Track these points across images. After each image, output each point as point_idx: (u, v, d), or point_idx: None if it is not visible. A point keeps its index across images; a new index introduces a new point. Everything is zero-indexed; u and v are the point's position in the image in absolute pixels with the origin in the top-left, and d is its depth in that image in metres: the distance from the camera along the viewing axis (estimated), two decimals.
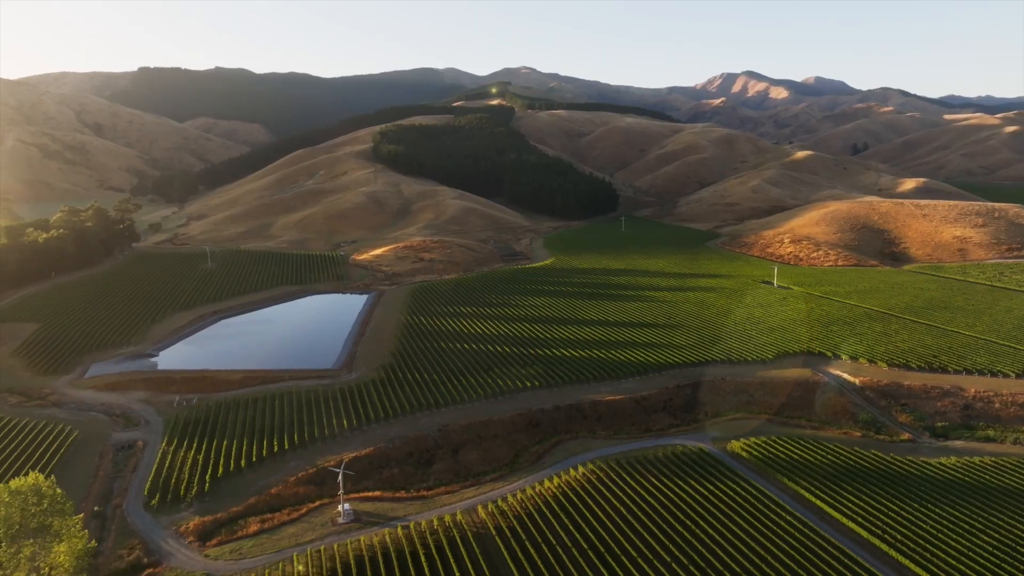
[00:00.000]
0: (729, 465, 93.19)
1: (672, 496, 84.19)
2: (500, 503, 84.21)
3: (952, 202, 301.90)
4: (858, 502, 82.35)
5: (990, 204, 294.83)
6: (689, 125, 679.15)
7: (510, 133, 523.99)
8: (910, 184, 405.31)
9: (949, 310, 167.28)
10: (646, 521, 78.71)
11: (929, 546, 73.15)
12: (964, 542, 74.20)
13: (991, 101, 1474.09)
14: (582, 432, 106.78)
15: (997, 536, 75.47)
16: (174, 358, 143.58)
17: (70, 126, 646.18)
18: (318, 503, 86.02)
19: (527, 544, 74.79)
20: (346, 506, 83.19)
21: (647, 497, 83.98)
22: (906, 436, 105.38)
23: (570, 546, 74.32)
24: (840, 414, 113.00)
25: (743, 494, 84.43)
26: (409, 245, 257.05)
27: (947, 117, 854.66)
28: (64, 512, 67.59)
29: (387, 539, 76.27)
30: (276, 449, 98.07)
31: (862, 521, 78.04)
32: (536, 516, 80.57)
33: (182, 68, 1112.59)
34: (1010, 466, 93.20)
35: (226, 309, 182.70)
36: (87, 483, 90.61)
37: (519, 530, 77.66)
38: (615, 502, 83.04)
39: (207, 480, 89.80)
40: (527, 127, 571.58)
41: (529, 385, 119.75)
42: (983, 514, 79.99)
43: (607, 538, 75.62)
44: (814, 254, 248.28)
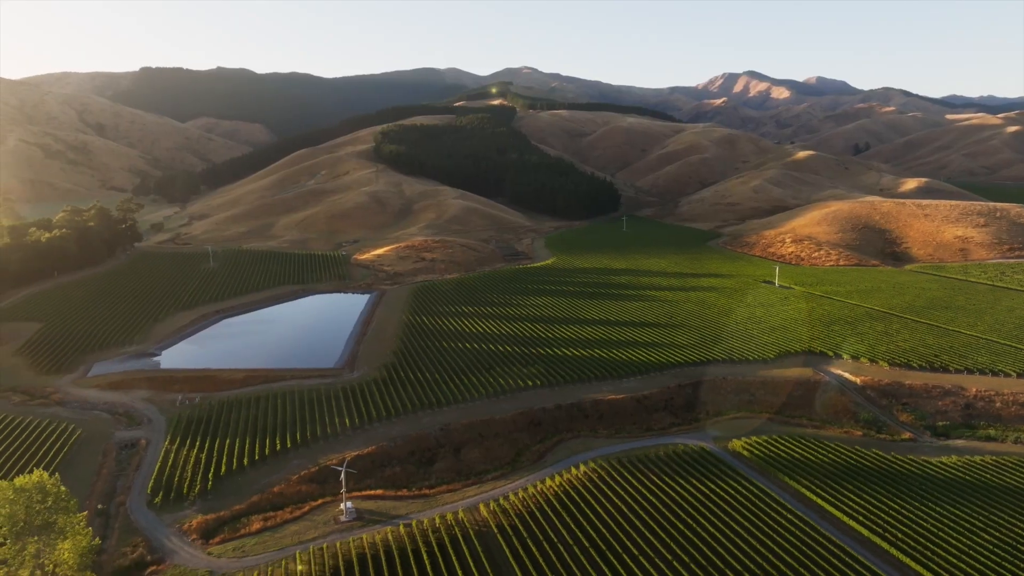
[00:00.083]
0: (730, 464, 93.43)
1: (673, 494, 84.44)
2: (502, 501, 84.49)
3: (954, 202, 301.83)
4: (859, 500, 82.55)
5: (992, 204, 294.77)
6: (691, 125, 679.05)
7: (511, 133, 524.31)
8: (912, 184, 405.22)
9: (950, 310, 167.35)
10: (647, 519, 78.97)
11: (930, 544, 73.37)
12: (965, 540, 74.40)
13: (993, 101, 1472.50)
14: (584, 431, 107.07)
15: (998, 534, 75.66)
16: (176, 357, 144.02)
17: (72, 126, 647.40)
18: (320, 501, 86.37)
19: (529, 542, 75.08)
20: (348, 504, 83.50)
21: (648, 495, 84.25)
22: (907, 435, 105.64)
23: (572, 544, 74.62)
24: (841, 413, 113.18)
25: (744, 492, 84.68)
26: (411, 245, 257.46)
27: (949, 117, 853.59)
28: (68, 510, 67.99)
29: (389, 537, 76.59)
30: (278, 448, 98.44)
31: (863, 519, 78.25)
32: (538, 514, 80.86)
33: (184, 68, 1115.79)
34: (1011, 465, 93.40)
35: (228, 308, 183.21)
36: (91, 481, 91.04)
37: (521, 528, 77.95)
38: (616, 500, 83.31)
39: (210, 478, 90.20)
40: (528, 127, 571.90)
41: (531, 384, 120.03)
42: (984, 512, 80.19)
43: (609, 536, 75.91)
44: (815, 254, 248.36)
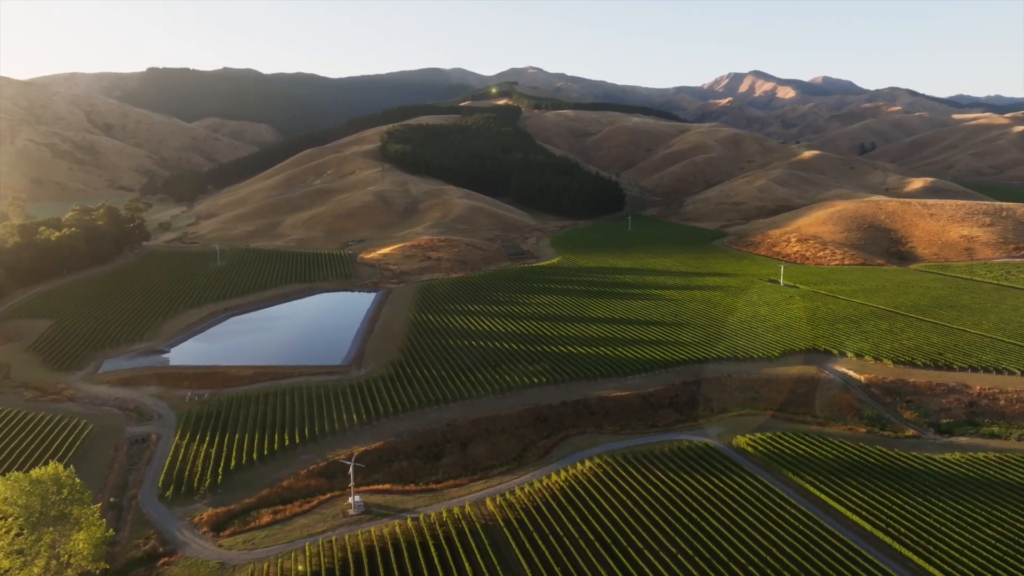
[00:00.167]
0: (735, 460, 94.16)
1: (678, 489, 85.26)
2: (508, 496, 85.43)
3: (959, 201, 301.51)
4: (862, 496, 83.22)
5: (998, 203, 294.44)
6: (696, 125, 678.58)
7: (517, 133, 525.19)
8: (917, 184, 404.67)
9: (955, 308, 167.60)
10: (652, 514, 79.78)
11: (933, 539, 74.01)
12: (967, 535, 75.01)
13: (1000, 101, 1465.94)
14: (589, 427, 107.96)
15: (1000, 530, 76.25)
16: (185, 354, 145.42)
17: (80, 126, 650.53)
18: (329, 495, 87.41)
19: (535, 535, 76.01)
20: (356, 498, 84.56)
21: (653, 491, 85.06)
22: (911, 432, 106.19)
23: (577, 538, 75.50)
24: (845, 411, 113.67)
25: (748, 488, 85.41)
26: (417, 244, 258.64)
27: (956, 117, 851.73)
28: (83, 501, 69.21)
29: (397, 530, 77.61)
30: (287, 443, 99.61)
31: (866, 515, 78.92)
32: (544, 508, 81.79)
33: (190, 68, 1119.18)
34: (1014, 461, 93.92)
35: (236, 306, 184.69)
36: (103, 475, 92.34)
37: (527, 522, 78.87)
38: (621, 495, 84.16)
39: (220, 473, 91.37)
40: (534, 127, 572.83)
41: (536, 381, 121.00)
42: (986, 508, 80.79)
43: (613, 530, 76.74)
44: (820, 253, 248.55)
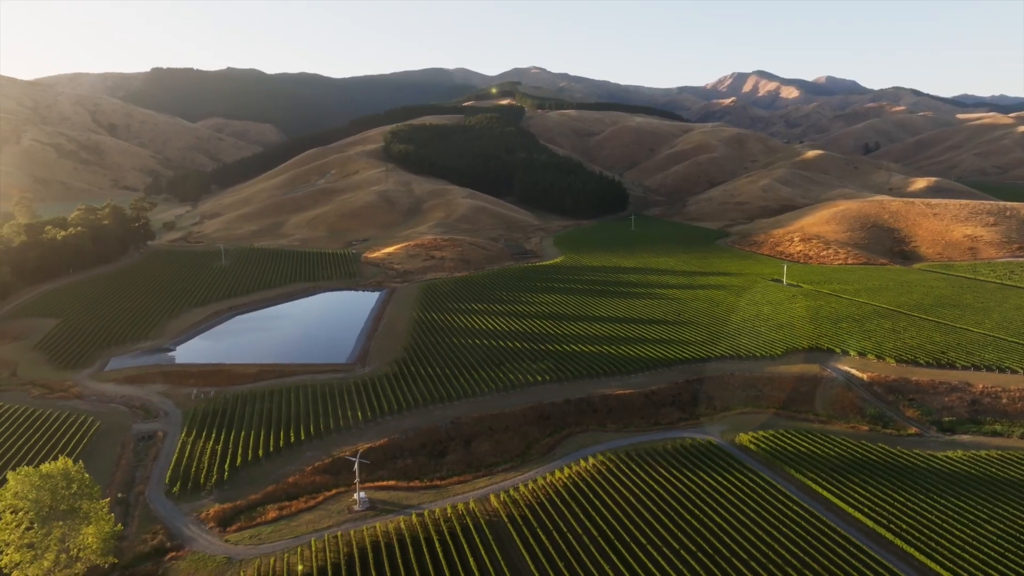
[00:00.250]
0: (737, 457, 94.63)
1: (681, 486, 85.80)
2: (512, 492, 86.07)
3: (963, 201, 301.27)
4: (864, 493, 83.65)
5: (1002, 203, 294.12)
6: (699, 125, 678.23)
7: (520, 132, 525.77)
8: (921, 183, 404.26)
9: (958, 307, 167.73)
10: (655, 510, 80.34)
11: (934, 535, 74.45)
12: (969, 531, 75.45)
13: (1005, 100, 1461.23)
14: (592, 425, 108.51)
15: (1002, 526, 76.66)
16: (191, 352, 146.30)
17: (85, 126, 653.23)
18: (334, 491, 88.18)
19: (539, 531, 76.64)
20: (362, 494, 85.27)
21: (656, 487, 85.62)
22: (913, 430, 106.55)
23: (581, 534, 76.11)
24: (848, 409, 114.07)
25: (751, 485, 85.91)
26: (420, 243, 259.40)
27: (960, 116, 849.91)
28: (92, 496, 70.01)
29: (402, 526, 78.31)
30: (292, 440, 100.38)
31: (868, 511, 79.39)
32: (547, 505, 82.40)
33: (194, 68, 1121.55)
34: (1016, 459, 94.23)
35: (241, 305, 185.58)
36: (110, 471, 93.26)
37: (531, 518, 79.50)
38: (625, 492, 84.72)
39: (226, 469, 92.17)
40: (537, 127, 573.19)
41: (540, 379, 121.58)
42: (988, 505, 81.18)
43: (617, 526, 77.31)
44: (824, 252, 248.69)
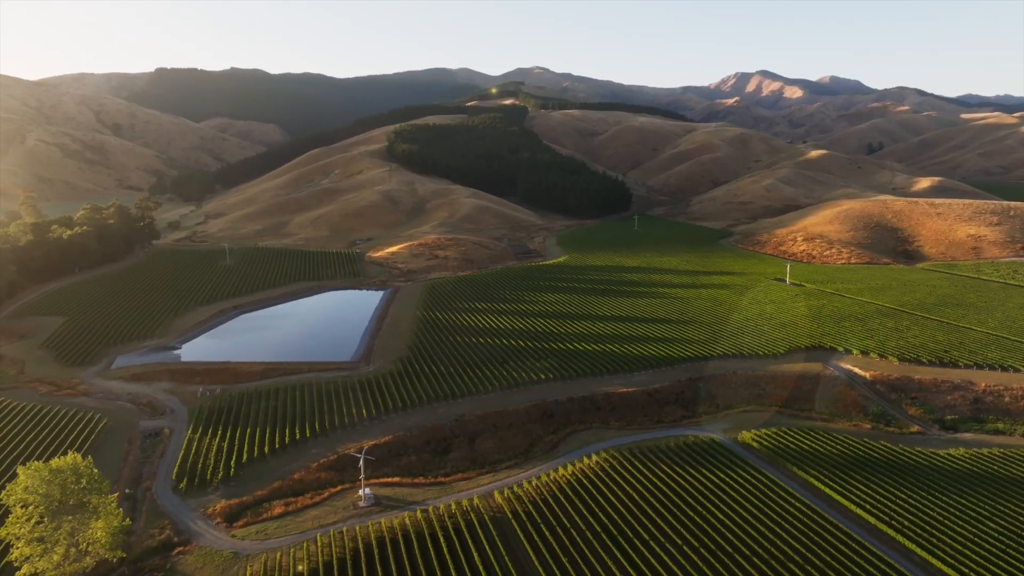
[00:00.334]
0: (740, 455, 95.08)
1: (683, 483, 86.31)
2: (516, 489, 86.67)
3: (967, 201, 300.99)
4: (866, 490, 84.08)
5: (1006, 203, 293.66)
6: (703, 125, 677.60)
7: (523, 132, 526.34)
8: (925, 183, 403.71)
9: (961, 307, 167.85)
10: (658, 506, 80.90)
11: (936, 532, 74.87)
12: (970, 528, 75.84)
13: (1009, 100, 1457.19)
14: (595, 423, 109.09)
15: (1003, 523, 77.03)
16: (196, 350, 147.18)
17: (89, 126, 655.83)
18: (339, 488, 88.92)
19: (542, 527, 77.24)
20: (367, 491, 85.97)
21: (659, 484, 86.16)
22: (916, 428, 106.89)
23: (584, 530, 76.72)
24: (850, 407, 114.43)
25: (753, 482, 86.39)
26: (424, 243, 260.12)
27: (964, 116, 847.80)
28: (101, 491, 70.85)
29: (407, 522, 78.97)
30: (298, 437, 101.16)
31: (870, 508, 79.82)
32: (551, 501, 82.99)
33: (198, 69, 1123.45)
34: (1018, 457, 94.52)
35: (245, 304, 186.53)
36: (117, 467, 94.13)
37: (535, 514, 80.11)
38: (628, 488, 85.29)
39: (232, 465, 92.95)
40: (540, 127, 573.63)
41: (543, 377, 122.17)
42: (990, 502, 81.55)
43: (620, 522, 77.89)
44: (827, 252, 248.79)
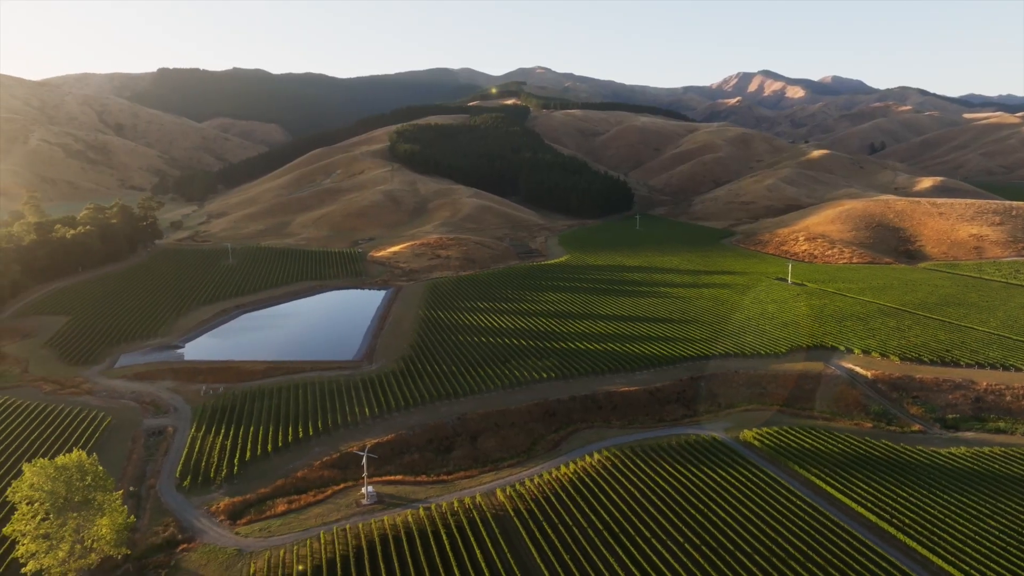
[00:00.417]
0: (741, 453, 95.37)
1: (685, 481, 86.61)
2: (518, 487, 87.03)
3: (969, 200, 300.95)
4: (868, 488, 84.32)
5: (1008, 202, 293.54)
6: (704, 124, 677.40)
7: (525, 132, 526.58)
8: (927, 183, 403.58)
9: (963, 306, 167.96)
10: (660, 504, 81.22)
11: (936, 530, 75.13)
12: (971, 527, 76.07)
13: (1012, 100, 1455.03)
14: (597, 422, 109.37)
15: (1004, 521, 77.27)
16: (199, 349, 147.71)
17: (92, 126, 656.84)
18: (342, 486, 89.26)
19: (544, 525, 77.58)
20: (369, 488, 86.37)
21: (661, 482, 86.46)
22: (917, 427, 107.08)
23: (586, 527, 77.05)
24: (852, 406, 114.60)
25: (754, 480, 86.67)
26: (426, 242, 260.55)
27: (966, 116, 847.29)
28: (106, 488, 71.23)
29: (410, 519, 79.33)
30: (301, 435, 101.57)
31: (871, 506, 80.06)
32: (553, 499, 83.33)
33: (200, 69, 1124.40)
34: (1019, 456, 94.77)
35: (248, 303, 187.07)
36: (121, 465, 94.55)
37: (537, 512, 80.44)
38: (630, 487, 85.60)
39: (235, 464, 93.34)
40: (542, 126, 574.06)
41: (545, 376, 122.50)
42: (991, 500, 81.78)
43: (622, 520, 78.20)
44: (829, 252, 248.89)
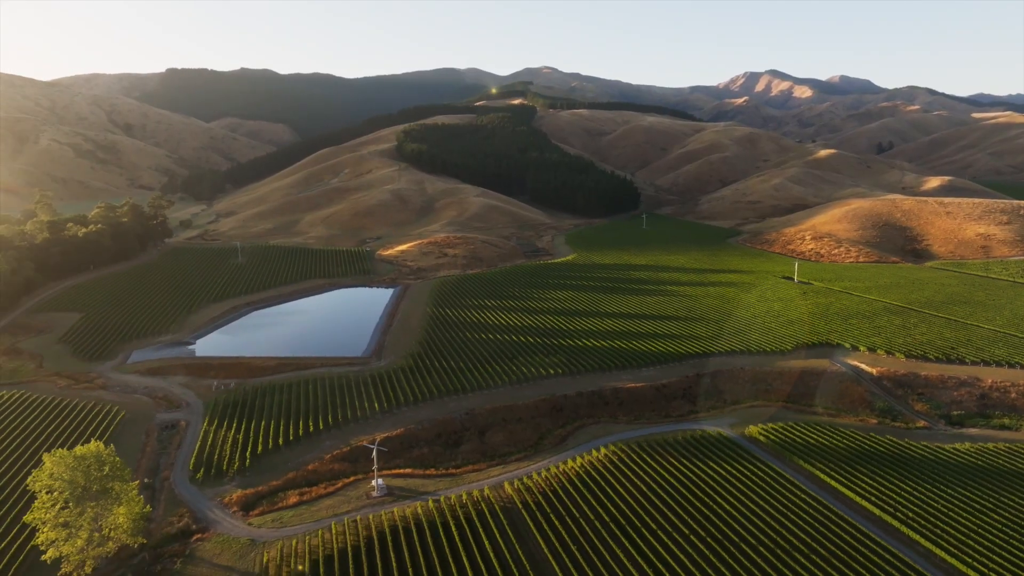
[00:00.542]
0: (747, 448, 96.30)
1: (691, 475, 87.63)
2: (526, 480, 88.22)
3: (976, 200, 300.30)
4: (872, 483, 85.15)
5: (1015, 202, 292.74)
6: (711, 124, 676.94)
7: (532, 132, 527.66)
8: (934, 182, 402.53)
9: (969, 305, 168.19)
10: (666, 498, 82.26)
11: (940, 523, 75.93)
12: (974, 520, 76.85)
13: (1021, 99, 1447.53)
14: (604, 417, 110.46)
15: (1007, 515, 78.01)
16: (211, 346, 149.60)
17: (102, 126, 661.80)
18: (352, 479, 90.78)
19: (552, 517, 78.75)
20: (379, 481, 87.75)
21: (667, 476, 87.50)
22: (922, 423, 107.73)
23: (593, 519, 78.17)
24: (857, 402, 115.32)
25: (760, 474, 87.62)
26: (433, 241, 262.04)
27: (975, 116, 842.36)
28: (123, 478, 72.90)
29: (419, 511, 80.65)
30: (311, 429, 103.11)
31: (875, 500, 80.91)
32: (560, 492, 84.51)
33: (208, 69, 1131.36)
34: (1023, 451, 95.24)
35: (258, 301, 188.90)
36: (136, 458, 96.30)
37: (544, 504, 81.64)
38: (636, 480, 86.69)
39: (247, 457, 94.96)
40: (549, 126, 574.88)
41: (552, 372, 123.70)
42: (994, 495, 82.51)
43: (629, 513, 79.29)
44: (835, 251, 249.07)
